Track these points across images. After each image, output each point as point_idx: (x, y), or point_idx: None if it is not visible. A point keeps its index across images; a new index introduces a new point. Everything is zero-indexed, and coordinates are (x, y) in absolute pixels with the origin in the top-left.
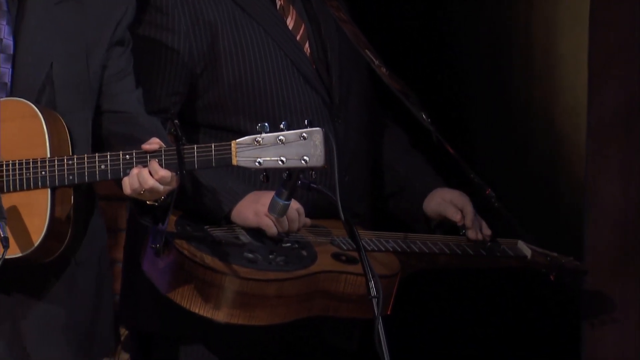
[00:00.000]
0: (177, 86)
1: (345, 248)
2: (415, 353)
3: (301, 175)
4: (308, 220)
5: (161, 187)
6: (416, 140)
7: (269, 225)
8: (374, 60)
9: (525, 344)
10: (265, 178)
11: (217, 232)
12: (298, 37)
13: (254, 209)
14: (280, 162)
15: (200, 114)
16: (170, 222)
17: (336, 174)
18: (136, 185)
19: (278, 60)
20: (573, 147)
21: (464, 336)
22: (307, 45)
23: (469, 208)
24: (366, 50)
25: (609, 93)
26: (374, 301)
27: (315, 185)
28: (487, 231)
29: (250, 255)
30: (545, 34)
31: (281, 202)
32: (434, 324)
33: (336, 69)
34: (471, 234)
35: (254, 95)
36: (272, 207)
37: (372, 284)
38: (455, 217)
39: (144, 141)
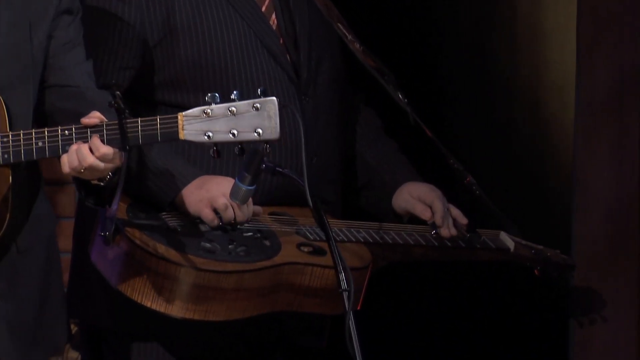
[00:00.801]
0: (128, 60)
1: (312, 238)
2: (389, 351)
3: (265, 158)
4: (259, 209)
5: (102, 165)
6: (392, 123)
7: (209, 216)
8: (347, 34)
9: (509, 343)
10: (215, 153)
11: (173, 220)
12: (263, 9)
13: (197, 195)
14: (231, 136)
15: (158, 92)
16: (121, 209)
17: (304, 156)
18: (75, 163)
19: (240, 33)
20: (560, 128)
21: (441, 333)
22: (273, 17)
23: (438, 205)
24: (338, 24)
25: (600, 69)
26: (345, 295)
27: (281, 169)
28: (463, 220)
29: (208, 245)
30: (530, 6)
31: (244, 187)
32: (408, 321)
33: (305, 43)
34: (443, 232)
35: (214, 71)
36: (234, 193)
37: (342, 276)
38: (424, 215)
39: None
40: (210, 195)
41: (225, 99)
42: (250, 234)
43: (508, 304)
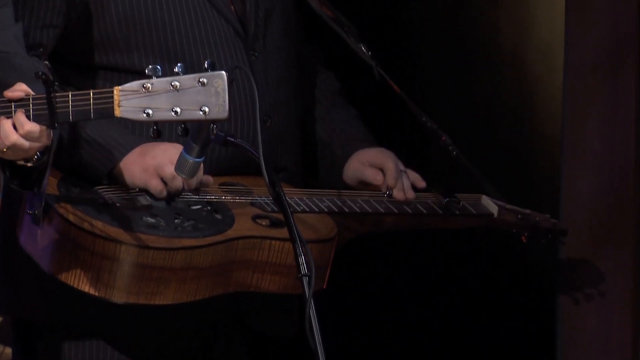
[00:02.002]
0: (51, 18)
1: (269, 210)
2: (357, 332)
3: (215, 126)
4: (209, 179)
5: (27, 144)
6: (354, 82)
7: (158, 186)
8: None
9: (492, 323)
10: (155, 133)
11: (111, 194)
12: None
13: (142, 164)
14: (173, 114)
15: (96, 54)
16: (52, 184)
17: (258, 123)
18: None
19: None
20: (547, 94)
21: (417, 313)
22: None
23: (389, 164)
24: None
25: (591, 29)
26: (304, 280)
27: (233, 139)
28: (421, 183)
29: (151, 220)
30: None
31: (191, 159)
32: (379, 299)
33: None
34: (397, 194)
35: (149, 27)
36: (180, 166)
37: (302, 259)
38: (375, 179)
39: None
40: (157, 162)
41: (168, 72)
42: (198, 207)
43: (490, 278)
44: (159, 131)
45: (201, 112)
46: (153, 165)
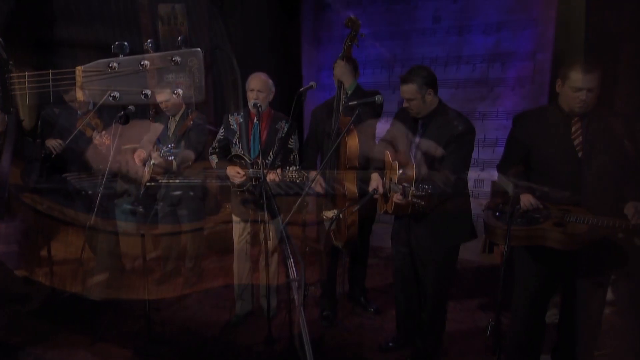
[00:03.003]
0: None
1: (258, 194)
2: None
3: (191, 111)
4: (190, 154)
5: None
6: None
7: (139, 171)
8: None
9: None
10: (122, 119)
11: (82, 181)
12: None
13: (117, 148)
14: (143, 97)
15: (55, 27)
16: (15, 175)
17: (241, 102)
18: None
19: None
20: None
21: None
22: None
23: (400, 137)
24: None
25: None
26: (294, 286)
27: (213, 128)
28: (438, 151)
29: (127, 207)
30: None
31: (166, 150)
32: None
33: None
34: (409, 170)
35: None
36: (156, 159)
37: (291, 261)
38: (385, 153)
39: None
40: (135, 146)
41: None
42: (179, 192)
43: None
44: (126, 116)
45: (175, 95)
46: (131, 148)
